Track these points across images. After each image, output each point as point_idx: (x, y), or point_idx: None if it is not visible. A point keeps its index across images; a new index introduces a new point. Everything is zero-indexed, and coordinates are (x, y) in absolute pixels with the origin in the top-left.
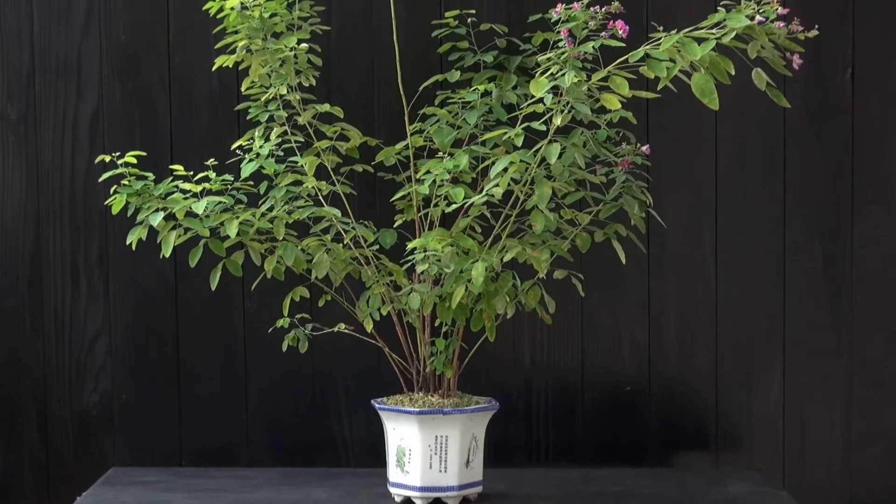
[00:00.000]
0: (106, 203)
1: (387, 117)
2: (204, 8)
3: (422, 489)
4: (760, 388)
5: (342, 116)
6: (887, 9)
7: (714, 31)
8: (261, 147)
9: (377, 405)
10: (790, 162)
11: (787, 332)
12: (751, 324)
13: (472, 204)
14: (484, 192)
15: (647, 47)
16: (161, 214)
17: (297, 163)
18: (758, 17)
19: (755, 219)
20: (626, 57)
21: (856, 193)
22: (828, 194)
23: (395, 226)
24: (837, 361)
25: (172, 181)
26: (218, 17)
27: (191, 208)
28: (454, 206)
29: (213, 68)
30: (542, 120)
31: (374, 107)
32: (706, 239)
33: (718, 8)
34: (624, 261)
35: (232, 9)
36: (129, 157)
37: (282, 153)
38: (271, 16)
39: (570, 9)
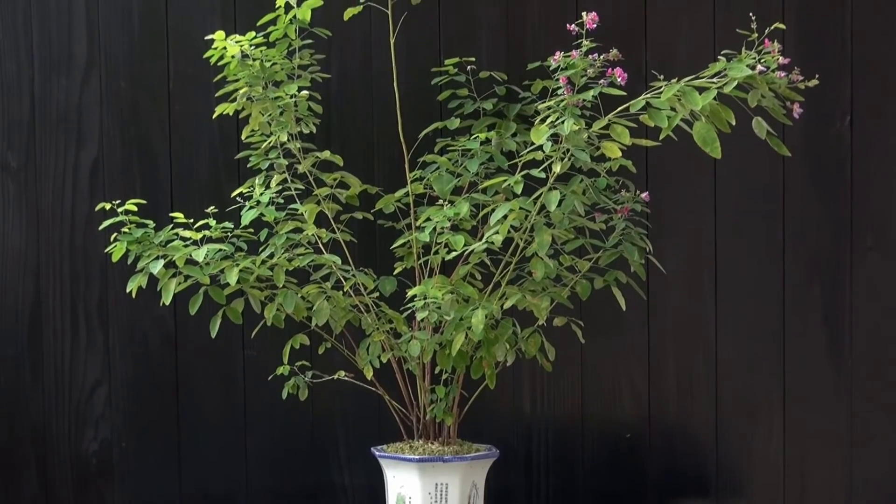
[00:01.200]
0: (106, 251)
1: (387, 165)
2: (205, 56)
3: None
4: (761, 436)
5: (342, 164)
6: (885, 58)
7: (715, 80)
8: (261, 194)
9: (377, 453)
10: (789, 209)
11: (787, 379)
12: (751, 371)
13: (473, 251)
14: (484, 240)
15: (648, 96)
16: (161, 262)
17: (297, 210)
18: (759, 67)
19: (755, 265)
20: (626, 105)
21: (855, 240)
22: (827, 241)
23: (395, 273)
24: (838, 409)
25: (173, 229)
26: (218, 64)
27: (191, 256)
28: (454, 254)
29: (214, 116)
30: (541, 167)
31: (374, 154)
32: (706, 286)
33: (719, 57)
34: (624, 308)
35: (233, 57)
36: (130, 205)
37: (282, 201)
38: (272, 64)
39: (569, 56)
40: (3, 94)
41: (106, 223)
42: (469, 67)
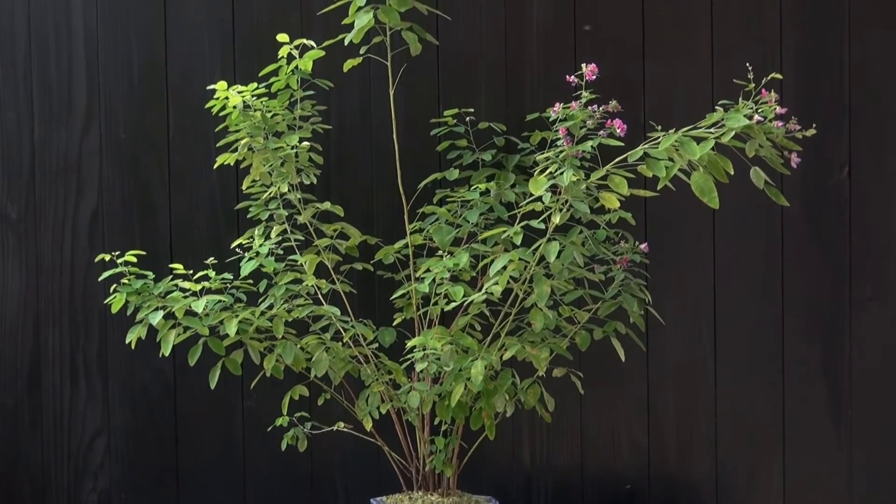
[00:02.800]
0: (106, 302)
1: (386, 216)
2: (207, 106)
3: None
4: (761, 486)
5: (342, 215)
6: (883, 108)
7: (713, 130)
8: (260, 246)
9: None
10: (788, 259)
11: (787, 429)
12: (751, 421)
13: (472, 302)
14: (483, 290)
15: (646, 146)
16: (160, 313)
17: (296, 261)
18: (756, 117)
19: (754, 316)
20: (625, 156)
21: (854, 290)
22: (826, 291)
23: (394, 324)
24: (838, 458)
25: (172, 280)
26: (220, 114)
27: (190, 307)
28: (454, 305)
29: (215, 166)
30: (540, 218)
31: (374, 205)
32: (705, 337)
33: (717, 107)
34: (623, 359)
35: (234, 107)
36: (129, 256)
37: (281, 252)
38: (273, 115)
39: (569, 108)
40: (3, 145)
41: (105, 274)
42: (468, 118)
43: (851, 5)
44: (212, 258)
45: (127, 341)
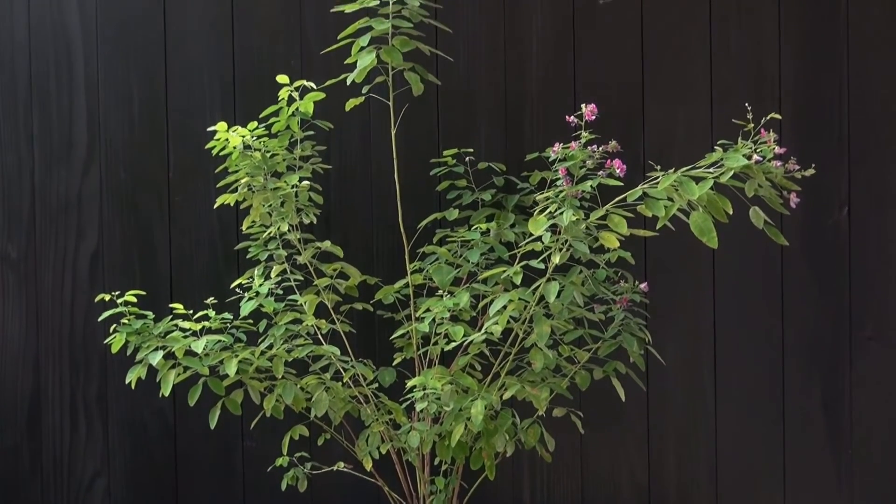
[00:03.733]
0: (105, 342)
1: (386, 255)
2: (207, 147)
3: None
4: None
5: (342, 255)
6: (882, 149)
7: (711, 170)
8: (260, 285)
9: None
10: (788, 299)
11: (788, 469)
12: (752, 461)
13: (472, 342)
14: (483, 330)
15: (645, 186)
16: (160, 353)
17: (296, 301)
18: (755, 157)
19: (754, 355)
20: (624, 196)
21: (854, 330)
22: (826, 331)
23: (394, 364)
24: (838, 497)
25: (172, 320)
26: (220, 154)
27: (190, 347)
28: (453, 344)
29: (215, 206)
30: (540, 258)
31: (374, 245)
32: (705, 376)
33: (715, 147)
34: (623, 398)
35: (234, 148)
36: (129, 296)
37: (281, 291)
38: (273, 155)
39: (568, 148)
40: (4, 185)
41: (105, 314)
42: (468, 158)
43: (850, 47)
44: (212, 298)
45: (127, 381)
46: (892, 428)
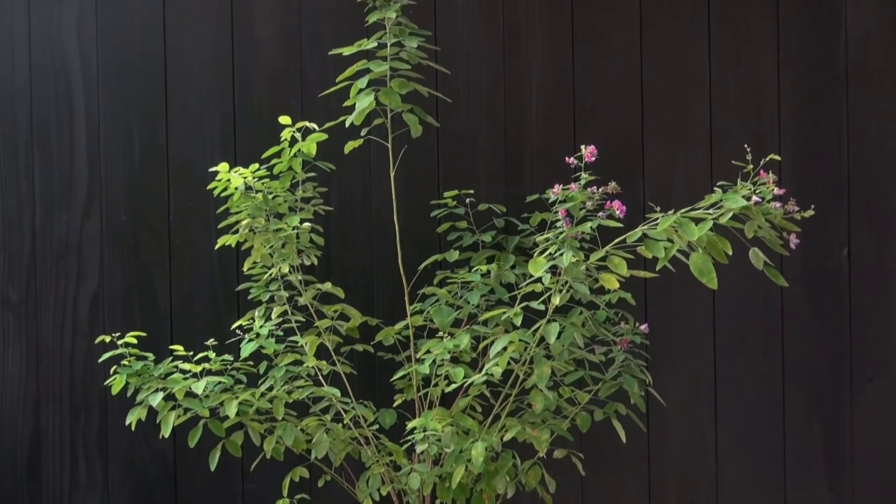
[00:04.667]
0: (106, 383)
1: (387, 296)
2: (208, 188)
3: None
4: None
5: (343, 296)
6: (881, 189)
7: (711, 211)
8: (261, 327)
9: None
10: (788, 339)
11: None
12: (753, 501)
13: (472, 383)
14: (484, 372)
15: (645, 227)
16: (160, 395)
17: (297, 342)
18: (754, 198)
19: (755, 396)
20: (624, 237)
21: (854, 371)
22: (827, 371)
23: (394, 405)
24: None
25: (172, 361)
26: (221, 196)
27: (190, 388)
28: (454, 386)
29: (216, 247)
30: (540, 299)
31: (374, 286)
32: (706, 417)
33: (715, 188)
34: (624, 440)
35: (236, 189)
36: (129, 338)
37: (282, 333)
38: (274, 196)
39: (568, 189)
40: (5, 228)
41: (105, 356)
42: (468, 200)
43: (849, 89)
44: (212, 339)
45: (127, 423)
46: (894, 468)
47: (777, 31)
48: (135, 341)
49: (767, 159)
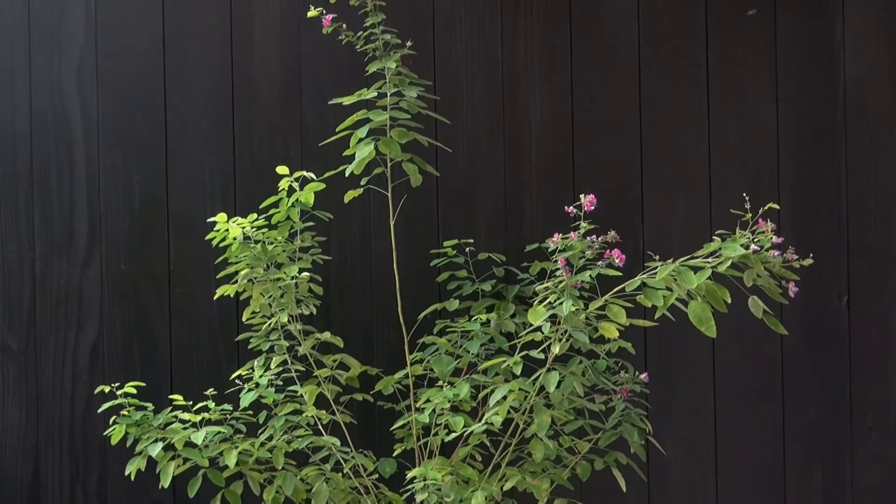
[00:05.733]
0: (105, 433)
1: (386, 346)
2: (207, 238)
3: None
4: None
5: (342, 346)
6: (881, 237)
7: (710, 259)
8: (260, 376)
9: None
10: (788, 388)
11: None
12: None
13: (472, 432)
14: (483, 421)
15: (644, 276)
16: (160, 445)
17: (296, 392)
18: (753, 246)
19: (755, 445)
20: (623, 286)
21: (854, 420)
22: (827, 420)
23: (394, 455)
24: None
25: (172, 411)
26: (220, 245)
27: (190, 438)
28: (454, 435)
29: (215, 297)
30: (540, 348)
31: (374, 335)
32: (706, 466)
33: (713, 237)
34: (625, 489)
35: (234, 239)
36: (129, 388)
37: (281, 382)
38: (273, 246)
39: (567, 238)
40: (5, 276)
41: (105, 406)
42: (468, 249)
43: (847, 136)
44: (212, 389)
45: (126, 473)
46: None
47: (776, 79)
48: (134, 391)
49: (766, 208)
